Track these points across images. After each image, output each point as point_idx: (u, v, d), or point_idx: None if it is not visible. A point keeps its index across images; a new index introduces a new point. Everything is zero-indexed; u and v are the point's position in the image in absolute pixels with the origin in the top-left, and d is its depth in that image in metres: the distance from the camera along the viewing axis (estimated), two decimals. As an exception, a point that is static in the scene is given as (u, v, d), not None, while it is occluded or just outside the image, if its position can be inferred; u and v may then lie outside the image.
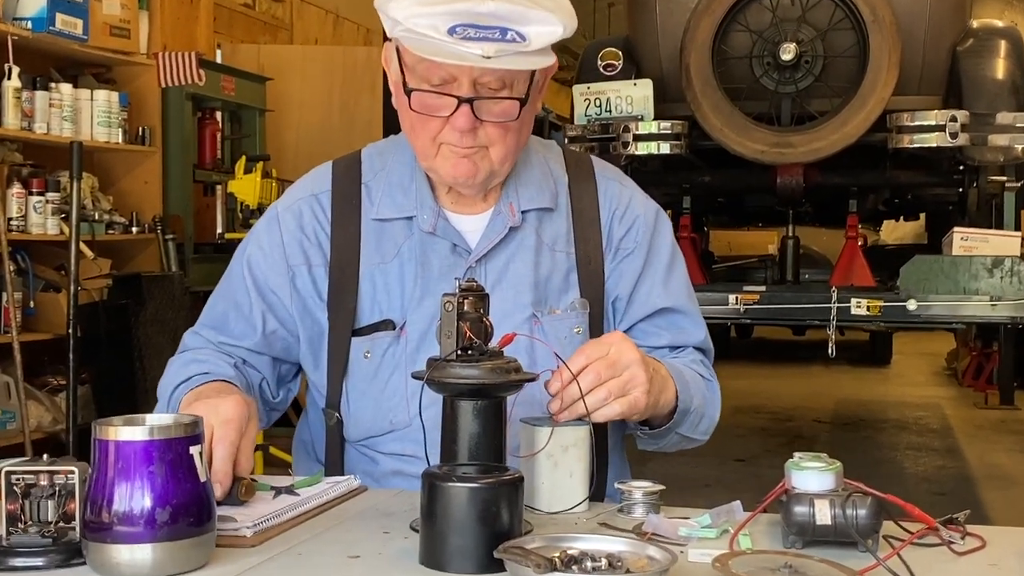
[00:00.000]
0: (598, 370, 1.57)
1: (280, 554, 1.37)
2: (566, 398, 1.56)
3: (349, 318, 1.79)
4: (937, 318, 4.75)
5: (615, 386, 1.58)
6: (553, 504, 1.58)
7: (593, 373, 1.57)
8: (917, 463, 6.95)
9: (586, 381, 1.56)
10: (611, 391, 1.57)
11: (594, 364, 1.57)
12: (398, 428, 1.77)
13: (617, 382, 1.58)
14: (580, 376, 1.55)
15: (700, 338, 1.91)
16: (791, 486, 1.46)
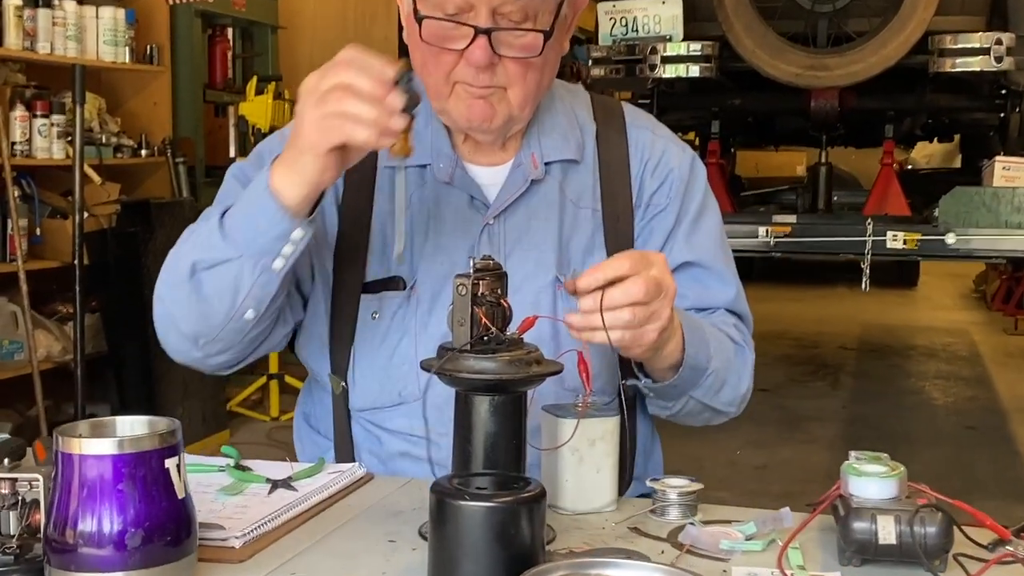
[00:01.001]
0: (648, 285, 1.34)
1: (272, 573, 1.21)
2: (586, 307, 1.34)
3: (358, 271, 1.63)
4: (976, 252, 4.56)
5: (642, 314, 1.36)
6: (578, 503, 1.42)
7: (642, 285, 1.34)
8: (946, 393, 6.79)
9: (628, 292, 1.34)
10: (637, 317, 1.35)
11: (646, 277, 1.35)
12: (407, 401, 1.61)
13: (646, 311, 1.36)
14: (618, 289, 1.34)
15: (728, 298, 1.70)
16: (848, 492, 1.29)
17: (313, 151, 1.35)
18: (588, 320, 1.34)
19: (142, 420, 1.18)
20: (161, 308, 1.54)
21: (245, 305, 1.47)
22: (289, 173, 1.39)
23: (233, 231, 1.44)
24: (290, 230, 1.42)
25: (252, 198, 1.44)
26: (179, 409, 5.20)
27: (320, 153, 1.35)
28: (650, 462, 1.75)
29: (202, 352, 1.54)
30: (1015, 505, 4.70)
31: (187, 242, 1.52)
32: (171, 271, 1.52)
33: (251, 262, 1.44)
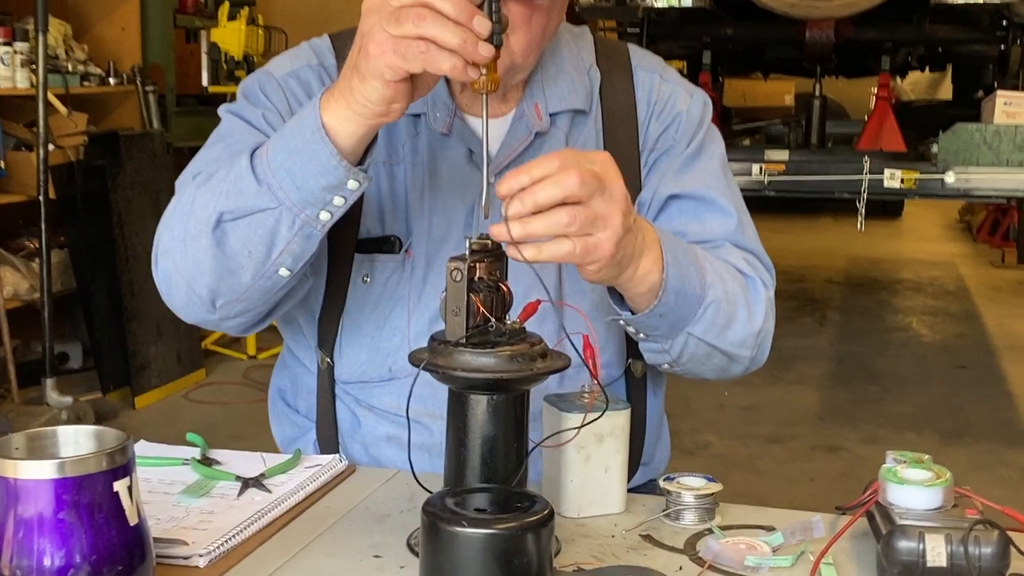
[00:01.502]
0: (583, 174, 1.12)
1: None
2: (513, 212, 1.12)
3: (352, 226, 1.46)
4: (976, 192, 4.41)
5: (583, 216, 1.13)
6: (583, 508, 1.28)
7: (575, 176, 1.12)
8: (935, 331, 6.69)
9: (549, 192, 1.11)
10: (577, 219, 1.13)
11: (579, 167, 1.12)
12: (398, 377, 1.46)
13: (586, 211, 1.13)
14: (546, 183, 1.12)
15: (729, 229, 1.49)
16: (887, 501, 1.15)
17: (382, 77, 1.15)
18: (518, 229, 1.12)
19: (88, 432, 1.03)
20: (168, 263, 1.34)
21: (279, 262, 1.29)
22: (347, 106, 1.20)
23: (270, 176, 1.25)
24: (344, 179, 1.23)
25: (296, 137, 1.24)
26: (152, 348, 5.05)
27: (391, 80, 1.15)
28: (659, 445, 1.61)
29: (219, 314, 1.36)
30: (1008, 449, 4.61)
31: (205, 187, 1.31)
32: (183, 220, 1.32)
33: (292, 213, 1.25)
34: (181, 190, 1.38)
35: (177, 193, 1.38)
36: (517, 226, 1.12)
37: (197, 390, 5.09)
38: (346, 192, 1.24)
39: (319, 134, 1.21)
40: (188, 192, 1.33)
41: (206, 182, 1.31)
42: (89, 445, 1.02)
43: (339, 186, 1.23)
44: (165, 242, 1.34)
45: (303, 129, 1.22)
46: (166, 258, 1.34)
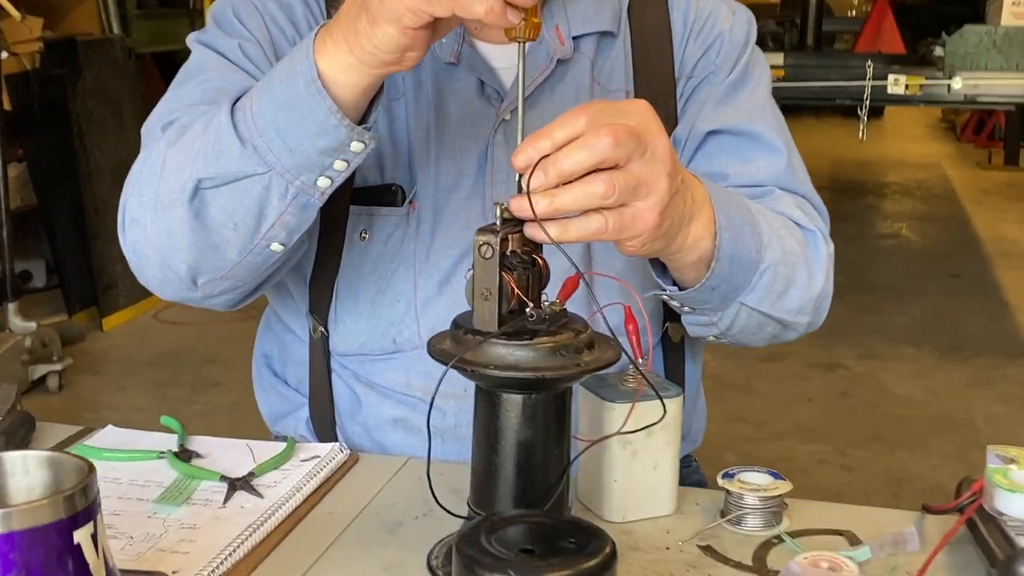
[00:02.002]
0: (617, 133, 0.90)
1: (233, 654, 0.88)
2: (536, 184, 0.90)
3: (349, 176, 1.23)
4: (983, 98, 4.21)
5: (623, 182, 0.91)
6: (629, 511, 1.09)
7: (609, 135, 0.90)
8: (925, 237, 6.55)
9: (592, 148, 0.90)
10: (616, 187, 0.91)
11: (612, 125, 0.91)
12: (404, 350, 1.27)
13: (625, 176, 0.92)
14: (574, 147, 0.90)
15: (778, 170, 1.28)
16: (995, 510, 0.98)
17: (400, 22, 0.92)
18: (543, 204, 0.90)
19: (40, 459, 0.83)
20: (138, 234, 1.12)
21: (271, 236, 1.08)
22: (349, 51, 0.97)
23: (256, 135, 1.02)
24: (346, 141, 1.01)
25: (286, 88, 1.01)
26: (119, 267, 4.82)
27: (411, 26, 0.92)
28: (696, 415, 1.43)
29: (201, 292, 1.15)
30: (1008, 363, 4.49)
31: (177, 145, 1.08)
32: (154, 184, 1.09)
33: (284, 180, 1.04)
34: (148, 144, 1.16)
35: (144, 147, 1.16)
36: (542, 200, 0.90)
37: (167, 310, 4.89)
38: (348, 155, 1.03)
39: (314, 86, 0.99)
40: (158, 150, 1.11)
41: (179, 138, 1.09)
42: (41, 478, 0.82)
43: (340, 148, 1.02)
44: (133, 209, 1.12)
45: (294, 79, 1.00)
46: (135, 228, 1.12)
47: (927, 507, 1.09)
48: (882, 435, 3.77)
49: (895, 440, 3.74)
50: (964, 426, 3.87)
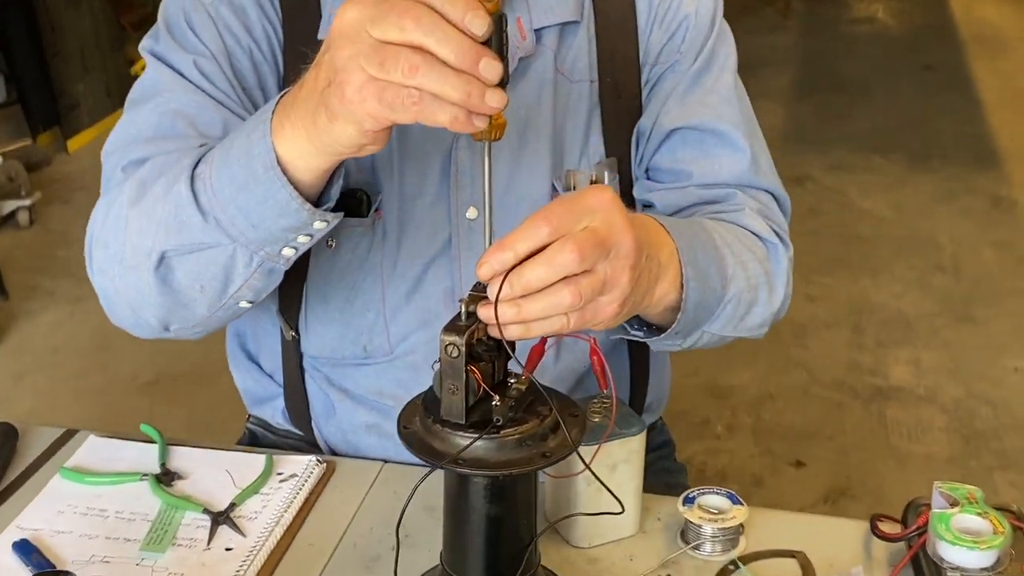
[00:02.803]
0: (582, 248, 0.91)
1: None
2: (515, 292, 0.91)
3: None
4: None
5: (588, 287, 0.92)
6: (594, 537, 1.16)
7: (574, 251, 0.90)
8: (900, 21, 6.45)
9: (555, 264, 0.90)
10: (582, 293, 0.92)
11: (576, 237, 0.91)
12: (376, 358, 1.29)
13: (592, 280, 0.93)
14: (538, 263, 0.91)
15: (741, 168, 1.28)
16: (937, 556, 1.04)
17: (360, 126, 0.91)
18: (505, 315, 0.92)
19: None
20: (107, 284, 1.13)
21: (239, 296, 1.10)
22: (307, 140, 0.96)
23: (218, 210, 1.02)
24: (309, 221, 1.02)
25: (245, 169, 1.00)
26: (80, 86, 4.74)
27: (371, 129, 0.91)
28: (660, 388, 1.47)
29: (174, 335, 1.17)
30: (977, 173, 4.53)
31: (139, 207, 1.07)
32: (119, 243, 1.09)
33: (248, 251, 1.04)
34: (109, 186, 1.15)
35: (104, 188, 1.16)
36: (510, 310, 0.92)
37: (134, 130, 4.82)
38: (312, 231, 1.03)
39: (273, 172, 0.98)
40: (120, 205, 1.10)
41: (140, 198, 1.08)
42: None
43: (303, 227, 1.02)
44: (100, 260, 1.12)
45: (253, 161, 0.99)
46: (103, 277, 1.13)
47: (876, 530, 1.15)
48: (846, 260, 3.85)
49: (859, 266, 3.81)
50: (928, 247, 3.95)
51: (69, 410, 3.09)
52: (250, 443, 1.47)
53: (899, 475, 2.80)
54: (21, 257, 3.98)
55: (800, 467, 2.84)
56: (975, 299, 3.62)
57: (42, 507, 1.19)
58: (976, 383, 3.21)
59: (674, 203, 1.29)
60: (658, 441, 1.50)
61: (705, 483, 2.66)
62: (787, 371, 3.20)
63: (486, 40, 0.89)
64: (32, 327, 3.54)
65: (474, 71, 0.86)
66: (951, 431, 3.01)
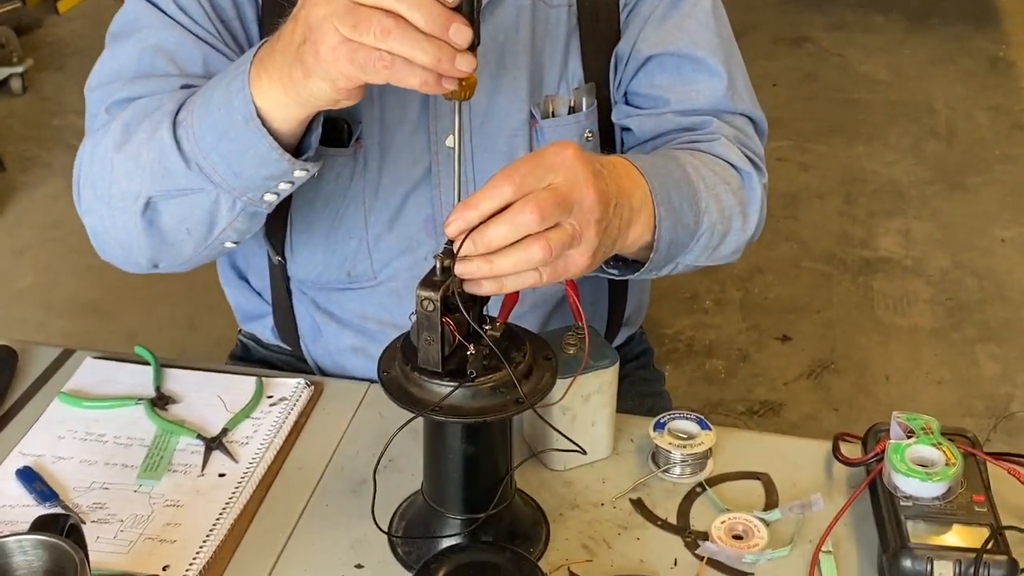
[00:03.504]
0: (542, 207, 0.94)
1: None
2: (465, 253, 0.96)
3: None
4: None
5: (557, 241, 0.96)
6: (569, 461, 1.21)
7: (534, 211, 0.94)
8: None
9: (516, 223, 0.94)
10: (552, 247, 0.96)
11: (537, 197, 0.95)
12: (360, 283, 1.33)
13: (560, 235, 0.97)
14: (500, 222, 0.95)
15: (718, 93, 1.29)
16: (892, 485, 1.10)
17: (334, 84, 0.95)
18: (479, 270, 0.96)
19: (35, 544, 0.93)
20: (95, 223, 1.18)
21: (223, 237, 1.15)
22: (284, 92, 1.00)
23: (200, 157, 1.06)
24: (289, 171, 1.06)
25: (225, 118, 1.04)
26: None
27: (344, 87, 0.95)
28: (640, 303, 1.51)
29: (162, 270, 1.22)
30: (975, 33, 4.48)
31: (124, 151, 1.11)
32: (105, 185, 1.13)
33: (231, 196, 1.09)
34: (93, 126, 1.18)
35: (89, 130, 1.19)
36: (483, 265, 0.96)
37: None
38: (293, 179, 1.07)
39: (253, 124, 1.01)
40: (104, 147, 1.13)
41: (124, 143, 1.11)
42: (39, 555, 0.92)
43: (283, 176, 1.06)
44: (88, 199, 1.16)
45: (233, 112, 1.02)
46: (92, 216, 1.17)
47: (838, 454, 1.21)
48: (841, 127, 3.84)
49: (854, 132, 3.82)
50: (923, 112, 3.94)
51: (69, 287, 3.15)
52: (242, 356, 1.52)
53: (883, 349, 2.87)
54: (16, 126, 3.98)
55: (786, 341, 2.91)
56: (967, 166, 3.64)
57: (43, 432, 1.25)
58: (963, 253, 3.25)
59: (651, 129, 1.31)
60: (636, 351, 1.55)
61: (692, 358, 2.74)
62: (777, 245, 3.25)
63: (457, 5, 0.91)
64: (30, 200, 3.57)
65: (444, 36, 0.89)
66: (936, 303, 3.07)
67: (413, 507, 1.14)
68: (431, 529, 1.09)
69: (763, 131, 1.35)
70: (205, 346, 2.86)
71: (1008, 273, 3.16)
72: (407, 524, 1.13)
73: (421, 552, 1.08)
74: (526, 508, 1.15)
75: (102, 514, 1.14)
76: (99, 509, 1.15)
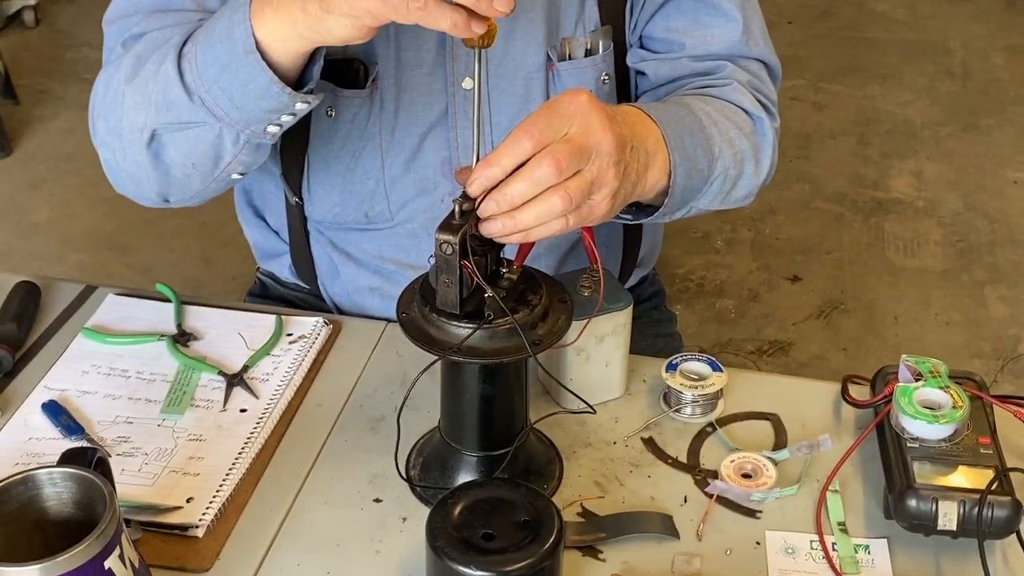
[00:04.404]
0: (558, 160, 0.96)
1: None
2: (488, 212, 0.99)
3: None
4: None
5: (577, 189, 0.98)
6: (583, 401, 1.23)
7: (552, 165, 0.96)
8: None
9: (535, 178, 0.97)
10: (572, 197, 0.98)
11: (553, 150, 0.97)
12: (378, 224, 1.35)
13: (580, 183, 0.99)
14: (519, 178, 0.97)
15: (733, 37, 1.30)
16: (899, 426, 1.12)
17: (356, 21, 0.96)
18: (504, 227, 0.99)
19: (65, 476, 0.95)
20: (109, 156, 1.21)
21: (229, 170, 1.17)
22: (291, 26, 1.01)
23: (203, 90, 1.08)
24: (290, 104, 1.08)
25: (226, 50, 1.05)
26: None
27: (369, 25, 0.97)
28: (654, 243, 1.53)
29: (174, 204, 1.25)
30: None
31: (134, 84, 1.13)
32: (117, 117, 1.16)
33: (234, 130, 1.11)
34: (110, 59, 1.20)
35: (105, 63, 1.21)
36: (508, 222, 0.98)
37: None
38: (294, 111, 1.09)
39: (253, 57, 1.03)
40: (117, 81, 1.15)
41: (135, 75, 1.13)
42: (68, 487, 0.95)
43: (284, 109, 1.08)
44: (102, 132, 1.18)
45: (234, 44, 1.04)
46: (105, 149, 1.20)
47: (846, 396, 1.23)
48: (856, 66, 3.83)
49: (869, 71, 3.80)
50: (939, 52, 3.92)
51: (86, 220, 3.17)
52: (261, 293, 1.54)
53: (892, 290, 2.89)
54: (29, 59, 3.98)
55: (796, 281, 2.93)
56: (981, 107, 3.62)
57: (67, 367, 1.27)
58: (975, 195, 3.25)
59: (666, 74, 1.31)
60: (648, 292, 1.57)
61: (703, 297, 2.76)
62: (789, 185, 3.25)
63: None
64: (44, 134, 3.58)
65: None
66: (946, 244, 3.08)
67: (430, 444, 1.17)
68: (447, 466, 1.12)
69: (777, 76, 1.36)
70: (220, 282, 2.89)
71: (1019, 215, 3.17)
72: (424, 460, 1.16)
73: (438, 488, 1.11)
74: (540, 446, 1.17)
75: (127, 447, 1.17)
76: (123, 443, 1.17)
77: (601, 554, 1.07)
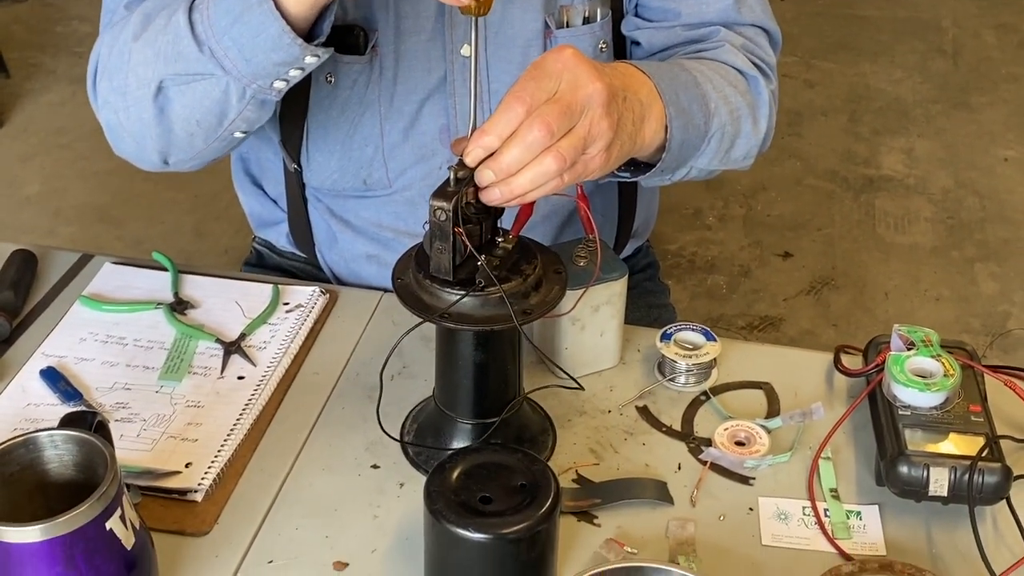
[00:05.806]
0: (548, 122, 0.97)
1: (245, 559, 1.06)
2: (485, 181, 1.00)
3: None
4: None
5: (569, 147, 0.99)
6: (578, 368, 1.25)
7: (542, 128, 0.97)
8: None
9: (527, 143, 0.97)
10: (565, 155, 0.99)
11: (541, 112, 0.98)
12: (375, 191, 1.36)
13: (572, 140, 0.99)
14: (513, 144, 0.98)
15: (727, 5, 1.30)
16: (891, 394, 1.14)
17: None
18: (501, 195, 1.00)
19: (65, 438, 0.96)
20: (111, 116, 1.21)
21: (233, 128, 1.18)
22: None
23: (213, 40, 1.09)
24: (300, 56, 1.09)
25: (239, 0, 1.07)
26: None
27: None
28: (649, 214, 1.54)
29: (173, 168, 1.26)
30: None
31: (142, 39, 1.14)
32: (122, 74, 1.16)
33: (241, 84, 1.12)
34: (113, 22, 1.20)
35: (104, 26, 1.23)
36: (504, 188, 0.99)
37: None
38: (303, 65, 1.10)
39: (267, 5, 1.04)
40: (124, 39, 1.15)
41: (143, 31, 1.14)
42: (69, 450, 0.96)
43: (294, 62, 1.09)
44: (104, 92, 1.19)
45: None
46: (108, 110, 1.20)
47: (839, 365, 1.24)
48: (848, 43, 3.83)
49: (860, 48, 3.80)
50: (930, 30, 3.92)
51: (77, 194, 3.16)
52: (257, 263, 1.55)
53: (883, 266, 2.90)
54: (20, 32, 3.97)
55: (787, 258, 2.94)
56: (972, 85, 3.63)
57: (65, 334, 1.28)
58: (966, 172, 3.27)
59: (660, 43, 1.32)
60: (643, 263, 1.58)
61: (694, 273, 2.77)
62: (781, 161, 3.26)
63: None
64: (35, 107, 3.57)
65: None
66: (937, 221, 3.09)
67: (425, 412, 1.18)
68: (442, 433, 1.13)
69: (777, 43, 1.36)
70: (213, 254, 2.89)
71: (1009, 193, 3.18)
72: (419, 428, 1.17)
73: (431, 454, 1.12)
74: (534, 415, 1.18)
75: (125, 413, 1.18)
76: (122, 408, 1.18)
77: (596, 519, 1.08)
